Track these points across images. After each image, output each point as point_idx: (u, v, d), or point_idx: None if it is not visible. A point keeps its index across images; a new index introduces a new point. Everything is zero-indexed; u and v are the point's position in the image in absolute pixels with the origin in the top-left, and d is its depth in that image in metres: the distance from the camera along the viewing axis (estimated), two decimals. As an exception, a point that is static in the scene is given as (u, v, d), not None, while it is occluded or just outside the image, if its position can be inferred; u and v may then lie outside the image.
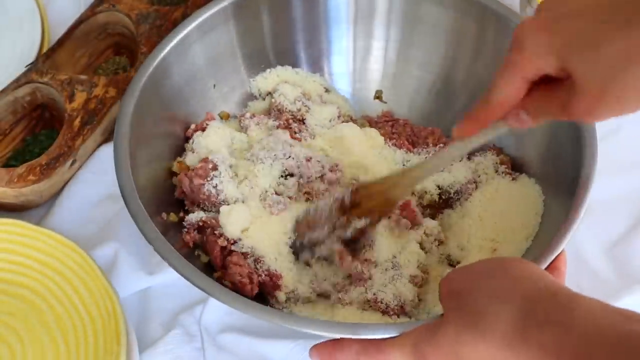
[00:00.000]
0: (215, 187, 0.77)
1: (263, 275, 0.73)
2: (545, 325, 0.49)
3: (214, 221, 0.76)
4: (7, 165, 0.87)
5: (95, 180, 0.86)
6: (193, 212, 0.78)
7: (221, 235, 0.75)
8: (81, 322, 0.71)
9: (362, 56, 0.92)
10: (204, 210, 0.78)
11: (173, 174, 0.82)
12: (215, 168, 0.78)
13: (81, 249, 0.74)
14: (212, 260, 0.75)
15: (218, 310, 0.77)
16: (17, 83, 0.88)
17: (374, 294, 0.73)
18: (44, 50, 0.94)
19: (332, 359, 0.62)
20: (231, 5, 0.84)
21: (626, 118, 0.88)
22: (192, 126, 0.84)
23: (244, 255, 0.74)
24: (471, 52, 0.86)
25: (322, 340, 0.64)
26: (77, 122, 0.86)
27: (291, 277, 0.75)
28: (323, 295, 0.75)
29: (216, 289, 0.65)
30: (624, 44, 0.52)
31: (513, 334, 0.50)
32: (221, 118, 0.88)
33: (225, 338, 0.76)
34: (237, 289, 0.72)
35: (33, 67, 0.90)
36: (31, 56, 0.93)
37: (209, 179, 0.77)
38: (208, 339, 0.76)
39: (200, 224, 0.76)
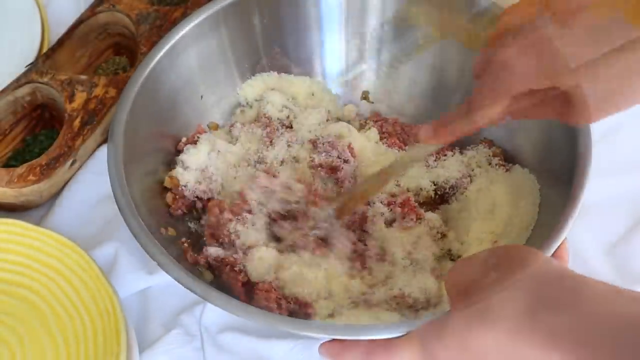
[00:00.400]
0: (236, 230, 0.77)
1: (292, 304, 0.73)
2: (554, 309, 0.49)
3: (232, 259, 0.75)
4: (7, 165, 0.87)
5: (95, 180, 0.86)
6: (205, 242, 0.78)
7: (241, 271, 0.74)
8: (81, 322, 0.71)
9: (354, 57, 0.92)
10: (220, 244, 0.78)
11: (164, 188, 0.81)
12: (250, 212, 0.78)
13: (81, 249, 0.74)
14: (235, 293, 0.73)
15: (218, 310, 0.76)
16: (17, 83, 0.88)
17: (400, 289, 0.73)
18: (44, 50, 0.94)
19: (341, 358, 0.62)
20: (222, 10, 0.84)
21: (626, 118, 0.89)
22: (183, 139, 0.84)
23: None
24: (464, 51, 0.86)
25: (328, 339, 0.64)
26: (77, 122, 0.86)
27: (325, 304, 0.73)
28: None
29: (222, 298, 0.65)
30: (622, 64, 0.52)
31: (522, 320, 0.50)
32: (210, 129, 0.87)
33: (225, 338, 0.76)
34: None
35: (33, 67, 0.90)
36: (31, 56, 0.93)
37: (238, 218, 0.77)
38: (208, 339, 0.76)
39: (218, 261, 0.75)
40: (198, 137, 0.83)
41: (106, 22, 0.98)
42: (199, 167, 0.81)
